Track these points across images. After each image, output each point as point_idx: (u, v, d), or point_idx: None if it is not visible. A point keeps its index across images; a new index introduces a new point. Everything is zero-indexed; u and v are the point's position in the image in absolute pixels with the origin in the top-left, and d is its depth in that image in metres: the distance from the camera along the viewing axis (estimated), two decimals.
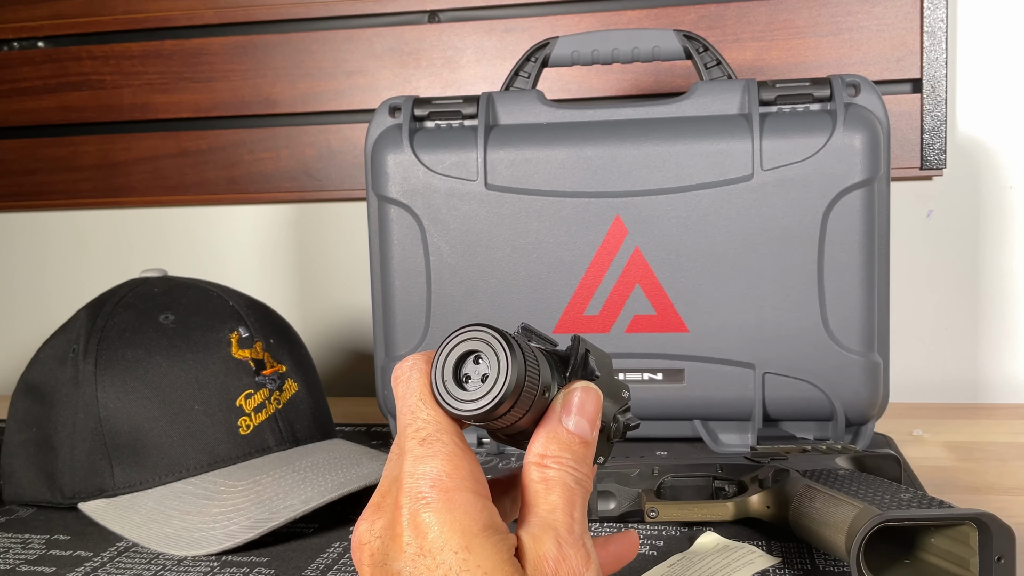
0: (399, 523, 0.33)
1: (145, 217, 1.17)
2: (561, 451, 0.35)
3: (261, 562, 0.58)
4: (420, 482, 0.33)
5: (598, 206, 0.74)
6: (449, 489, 0.33)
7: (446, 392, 0.35)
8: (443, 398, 0.35)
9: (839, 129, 0.71)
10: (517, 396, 0.34)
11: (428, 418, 0.35)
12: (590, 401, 0.37)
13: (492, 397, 0.34)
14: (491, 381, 0.34)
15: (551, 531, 0.34)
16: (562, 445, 0.36)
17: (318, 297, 1.14)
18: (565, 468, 0.35)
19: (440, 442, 0.34)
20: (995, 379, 1.00)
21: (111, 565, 0.58)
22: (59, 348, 0.71)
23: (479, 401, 0.34)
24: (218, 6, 1.08)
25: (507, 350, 0.34)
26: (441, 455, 0.34)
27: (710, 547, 0.56)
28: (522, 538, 0.34)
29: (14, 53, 1.15)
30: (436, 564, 0.32)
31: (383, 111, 0.78)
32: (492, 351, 0.34)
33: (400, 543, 0.33)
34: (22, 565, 0.59)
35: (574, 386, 0.37)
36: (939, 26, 0.95)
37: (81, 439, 0.66)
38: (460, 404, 0.34)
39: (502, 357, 0.34)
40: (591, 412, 0.37)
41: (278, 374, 0.71)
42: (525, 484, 0.36)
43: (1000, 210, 0.98)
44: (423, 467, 0.34)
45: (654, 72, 1.01)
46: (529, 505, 0.35)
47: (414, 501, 0.33)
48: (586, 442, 0.36)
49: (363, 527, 0.35)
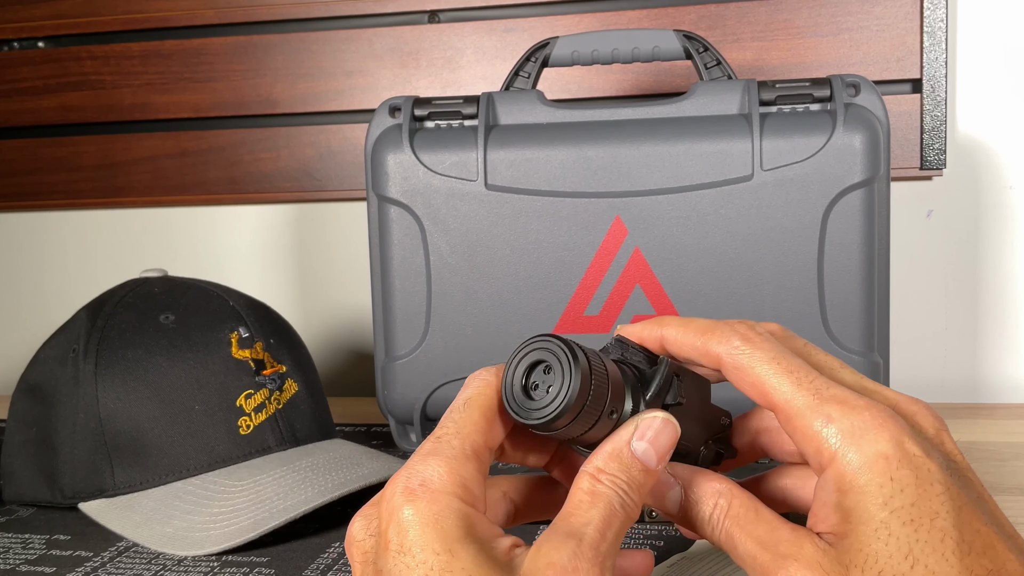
0: (383, 518, 0.33)
1: (145, 217, 1.17)
2: (619, 471, 0.34)
3: (261, 562, 0.58)
4: (411, 479, 0.33)
5: (598, 206, 0.74)
6: (436, 491, 0.32)
7: (512, 399, 0.35)
8: (508, 404, 0.35)
9: (839, 129, 0.71)
10: (578, 411, 0.33)
11: (452, 420, 0.34)
12: (665, 434, 0.35)
13: (551, 409, 0.33)
14: (552, 393, 0.34)
15: (573, 541, 0.32)
16: (623, 466, 0.34)
17: (318, 297, 1.14)
18: (617, 489, 0.34)
19: (449, 445, 0.34)
20: (995, 379, 1.00)
21: (111, 565, 0.58)
22: (59, 348, 0.71)
23: (540, 412, 0.34)
24: (218, 6, 1.08)
25: (571, 363, 0.33)
26: (443, 457, 0.33)
27: (710, 547, 0.56)
28: (539, 543, 0.32)
29: (14, 53, 1.15)
30: (416, 563, 0.31)
31: (383, 111, 0.78)
32: (558, 362, 0.34)
33: (386, 539, 0.32)
34: (22, 565, 0.59)
35: (655, 414, 0.35)
36: (939, 26, 0.95)
37: (81, 439, 0.66)
38: (523, 412, 0.34)
39: (565, 370, 0.33)
40: (663, 445, 0.35)
41: (278, 374, 0.71)
42: (572, 492, 0.34)
43: (1000, 210, 0.98)
44: (420, 465, 0.33)
45: (654, 72, 1.01)
46: (565, 514, 0.33)
47: (400, 496, 0.32)
48: (648, 471, 0.35)
49: (357, 524, 0.35)
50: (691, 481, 0.36)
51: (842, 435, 0.33)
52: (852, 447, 0.32)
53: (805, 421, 0.34)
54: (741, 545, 0.34)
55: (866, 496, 0.32)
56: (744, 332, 0.37)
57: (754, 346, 0.36)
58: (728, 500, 0.36)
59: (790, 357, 0.36)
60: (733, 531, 0.35)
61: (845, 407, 0.33)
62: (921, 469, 0.32)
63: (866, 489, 0.32)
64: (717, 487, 0.36)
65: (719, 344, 0.37)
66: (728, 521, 0.35)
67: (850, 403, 0.33)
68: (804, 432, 0.34)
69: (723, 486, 0.36)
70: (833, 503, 0.33)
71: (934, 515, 0.31)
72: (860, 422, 0.33)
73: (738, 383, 0.37)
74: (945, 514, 0.31)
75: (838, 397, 0.34)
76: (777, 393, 0.35)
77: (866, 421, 0.33)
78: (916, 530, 0.31)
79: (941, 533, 0.31)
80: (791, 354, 0.36)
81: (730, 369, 0.37)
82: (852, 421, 0.33)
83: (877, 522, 0.31)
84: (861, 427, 0.33)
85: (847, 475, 0.32)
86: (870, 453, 0.32)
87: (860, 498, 0.32)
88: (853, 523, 0.32)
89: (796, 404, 0.34)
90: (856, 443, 0.32)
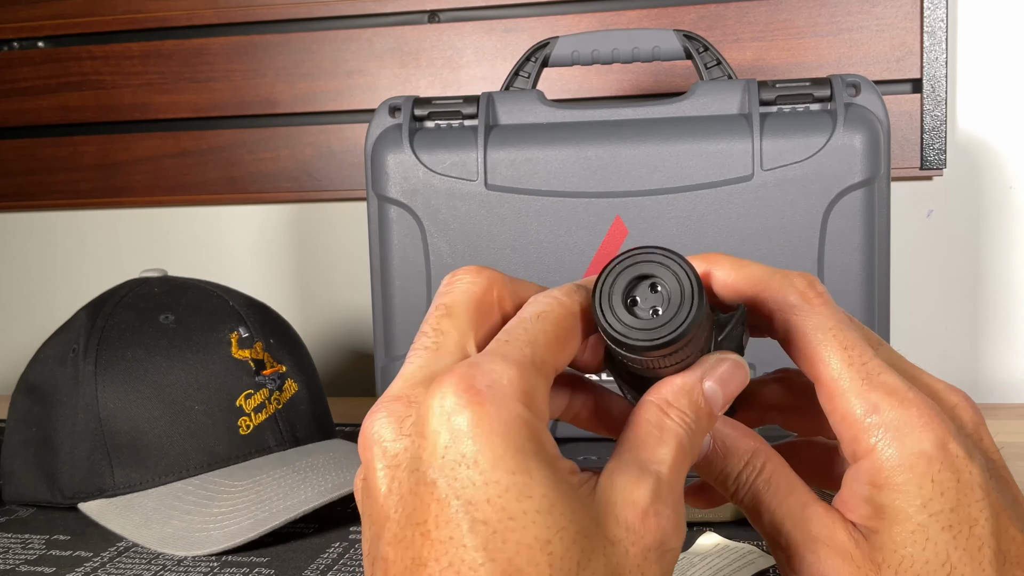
0: (435, 417, 0.27)
1: (145, 217, 1.17)
2: (688, 409, 0.31)
3: (261, 562, 0.58)
4: (477, 377, 0.27)
5: (598, 206, 0.74)
6: (507, 396, 0.27)
7: (610, 312, 0.30)
8: (605, 317, 0.30)
9: (839, 129, 0.71)
10: (689, 339, 0.30)
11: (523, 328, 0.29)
12: (737, 379, 0.32)
13: (665, 332, 0.29)
14: (670, 314, 0.29)
15: (652, 479, 0.28)
16: (692, 404, 0.31)
17: (318, 297, 1.14)
18: (685, 427, 0.30)
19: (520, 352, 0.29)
20: (995, 379, 1.00)
21: (111, 565, 0.58)
22: (59, 348, 0.71)
23: (650, 333, 0.29)
24: (218, 6, 1.08)
25: (696, 285, 0.29)
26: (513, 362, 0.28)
27: (710, 547, 0.56)
28: (611, 474, 0.28)
29: (14, 53, 1.15)
30: (486, 481, 0.26)
31: (383, 111, 0.78)
32: (678, 283, 0.30)
33: (435, 444, 0.27)
34: (22, 565, 0.59)
35: (729, 356, 0.32)
36: (939, 26, 0.95)
37: (81, 439, 0.66)
38: (626, 329, 0.30)
39: (686, 291, 0.29)
40: (731, 391, 0.32)
41: (278, 374, 0.71)
42: (636, 420, 0.30)
43: (1000, 210, 0.98)
44: (488, 364, 0.28)
45: (654, 72, 1.01)
46: (631, 444, 0.29)
47: (461, 395, 0.27)
48: (711, 415, 0.31)
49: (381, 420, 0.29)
50: (722, 432, 0.33)
51: (885, 428, 0.31)
52: (894, 443, 0.31)
53: (849, 405, 0.32)
54: (768, 514, 0.32)
55: (903, 495, 0.30)
56: (803, 289, 0.33)
57: (812, 308, 0.33)
58: (762, 461, 0.33)
59: (847, 329, 0.33)
60: (762, 497, 0.33)
61: (894, 399, 0.31)
62: (963, 472, 0.31)
63: (904, 488, 0.30)
64: (751, 444, 0.33)
65: (774, 299, 0.33)
66: (759, 484, 0.33)
67: (899, 395, 0.31)
68: (844, 415, 0.32)
69: (758, 445, 0.33)
70: (864, 496, 0.31)
71: (973, 522, 0.30)
72: (906, 418, 0.31)
73: (787, 344, 0.34)
74: (984, 521, 0.30)
75: (888, 386, 0.31)
76: (826, 368, 0.32)
77: (912, 418, 0.31)
78: (955, 536, 0.30)
79: (979, 541, 0.30)
80: (849, 325, 0.33)
81: (780, 328, 0.33)
82: (898, 415, 0.31)
83: (914, 524, 0.30)
84: (907, 423, 0.31)
85: (884, 471, 0.31)
86: (912, 451, 0.31)
87: (896, 496, 0.31)
88: (887, 521, 0.31)
89: (842, 385, 0.32)
90: (899, 439, 0.31)
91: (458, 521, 0.26)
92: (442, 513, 0.26)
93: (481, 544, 0.25)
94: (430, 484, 0.26)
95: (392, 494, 0.28)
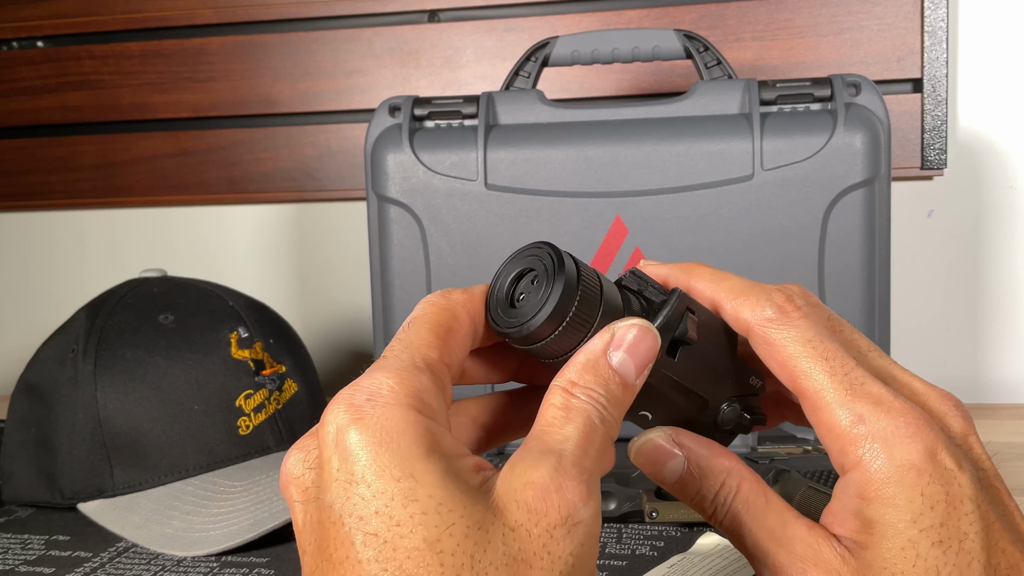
0: (326, 446, 0.27)
1: (145, 217, 1.17)
2: (596, 384, 0.30)
3: (261, 562, 0.58)
4: (356, 395, 0.28)
5: (598, 206, 0.74)
6: (387, 404, 0.27)
7: (494, 310, 0.31)
8: (491, 315, 0.31)
9: (840, 129, 0.71)
10: (560, 321, 0.30)
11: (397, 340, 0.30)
12: (645, 344, 0.31)
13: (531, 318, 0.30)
14: (536, 303, 0.30)
15: (552, 458, 0.28)
16: (599, 378, 0.30)
17: (318, 297, 1.14)
18: (594, 403, 0.30)
19: (397, 359, 0.29)
20: (996, 379, 1.00)
21: (111, 565, 0.58)
22: (59, 348, 0.71)
23: (519, 320, 0.30)
24: (218, 6, 1.08)
25: (555, 267, 0.30)
26: (392, 370, 0.28)
27: (710, 547, 0.56)
28: (512, 463, 0.28)
29: (14, 53, 1.14)
30: (373, 493, 0.26)
31: (383, 111, 0.78)
32: (544, 268, 0.30)
33: (329, 470, 0.27)
34: (22, 565, 0.59)
35: (631, 321, 0.31)
36: (940, 26, 0.95)
37: (81, 439, 0.66)
38: (502, 322, 0.31)
39: (549, 274, 0.30)
40: (642, 355, 0.31)
41: (278, 374, 0.71)
42: (543, 409, 0.30)
43: (1001, 210, 0.98)
44: (365, 380, 0.28)
45: (654, 72, 1.01)
46: (538, 432, 0.29)
47: (343, 415, 0.27)
48: (626, 385, 0.31)
49: (293, 458, 0.30)
50: (696, 453, 0.33)
51: (872, 438, 0.30)
52: (882, 454, 0.30)
53: (834, 417, 0.31)
54: (750, 535, 0.32)
55: (893, 509, 0.30)
56: (780, 302, 0.33)
57: (789, 321, 0.33)
58: (737, 481, 0.33)
59: (827, 340, 0.32)
60: (742, 518, 0.32)
61: (880, 408, 0.31)
62: (952, 485, 0.30)
63: (893, 502, 0.30)
64: (726, 464, 0.33)
65: (751, 311, 0.33)
66: (736, 505, 0.32)
67: (885, 404, 0.31)
68: (831, 428, 0.31)
69: (732, 465, 0.33)
70: (853, 509, 0.31)
71: (963, 536, 0.30)
72: (893, 427, 0.30)
73: (766, 358, 0.33)
74: (974, 535, 0.30)
75: (873, 395, 0.31)
76: (808, 380, 0.32)
77: (900, 427, 0.30)
78: (945, 552, 0.29)
79: (969, 556, 0.30)
80: (828, 336, 0.33)
81: (759, 342, 0.33)
82: (885, 424, 0.30)
83: (904, 540, 0.30)
84: (894, 433, 0.30)
85: (873, 483, 0.30)
86: (901, 463, 0.30)
87: (886, 510, 0.30)
88: (876, 536, 0.30)
89: (826, 397, 0.31)
90: (887, 450, 0.30)
91: (352, 538, 0.26)
92: (338, 534, 0.27)
93: (374, 556, 0.26)
94: (327, 509, 0.27)
95: (306, 528, 0.29)
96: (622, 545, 0.58)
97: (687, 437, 0.34)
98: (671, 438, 0.33)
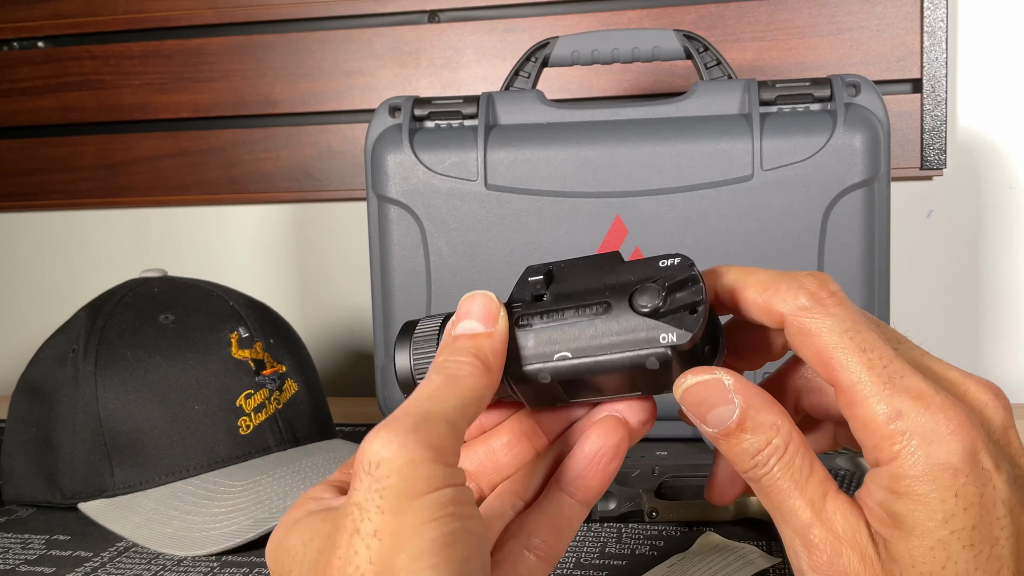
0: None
1: (145, 217, 1.17)
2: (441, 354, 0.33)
3: (261, 562, 0.58)
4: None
5: (598, 206, 0.74)
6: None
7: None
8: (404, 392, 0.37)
9: (839, 129, 0.71)
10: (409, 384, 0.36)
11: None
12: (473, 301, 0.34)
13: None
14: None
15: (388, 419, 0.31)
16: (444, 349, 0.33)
17: (318, 297, 1.14)
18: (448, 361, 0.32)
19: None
20: (996, 379, 1.00)
21: (111, 565, 0.58)
22: (59, 348, 0.71)
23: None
24: (218, 6, 1.08)
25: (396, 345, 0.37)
26: None
27: (710, 547, 0.56)
28: None
29: (14, 53, 1.15)
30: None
31: (383, 111, 0.78)
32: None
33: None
34: (22, 565, 0.59)
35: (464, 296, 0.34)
36: (939, 26, 0.95)
37: (81, 439, 0.66)
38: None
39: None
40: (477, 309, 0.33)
41: (278, 374, 0.71)
42: None
43: (1000, 210, 0.98)
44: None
45: (654, 72, 1.01)
46: None
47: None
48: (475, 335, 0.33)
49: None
50: (750, 403, 0.32)
51: (910, 434, 0.29)
52: (919, 450, 0.29)
53: (871, 411, 0.30)
54: (788, 501, 0.31)
55: (924, 507, 0.29)
56: (814, 289, 0.32)
57: (824, 309, 0.32)
58: (785, 441, 0.31)
59: (865, 329, 0.31)
60: (782, 481, 0.31)
61: (919, 404, 0.30)
62: (987, 487, 0.29)
63: (925, 500, 0.29)
64: (777, 421, 0.31)
65: (784, 301, 0.32)
66: (779, 467, 0.31)
67: (926, 399, 0.30)
68: (866, 421, 0.30)
69: (783, 422, 0.31)
70: (881, 501, 0.30)
71: (994, 542, 0.29)
72: (933, 424, 0.29)
73: (800, 349, 0.32)
74: (1004, 541, 0.29)
75: (913, 389, 0.30)
76: (845, 372, 0.31)
77: (940, 424, 0.29)
78: (975, 556, 0.29)
79: (999, 563, 0.29)
80: (867, 325, 0.32)
81: (794, 332, 0.32)
82: (924, 421, 0.29)
83: (934, 540, 0.29)
84: (934, 430, 0.29)
85: (906, 479, 0.29)
86: (937, 462, 0.29)
87: (916, 507, 0.29)
88: (905, 531, 0.29)
89: (863, 390, 0.30)
90: (924, 447, 0.29)
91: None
92: None
93: None
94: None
95: None
96: (622, 545, 0.58)
97: (744, 384, 0.32)
98: (731, 382, 0.32)
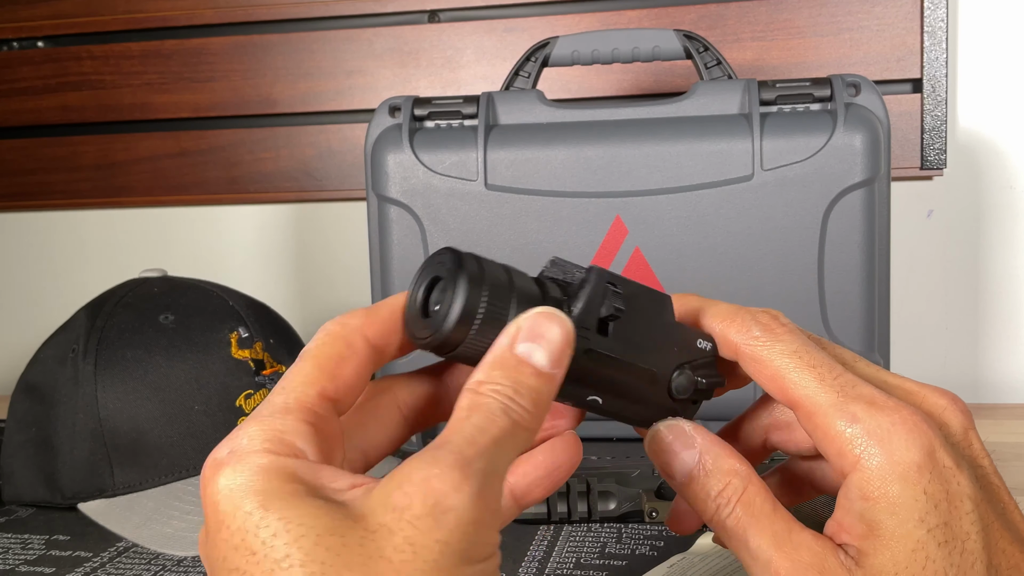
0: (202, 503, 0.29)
1: (145, 217, 1.17)
2: (502, 378, 0.29)
3: None
4: (219, 451, 0.29)
5: (598, 206, 0.74)
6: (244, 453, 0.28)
7: (411, 322, 0.31)
8: (408, 329, 0.32)
9: (839, 129, 0.71)
10: (470, 324, 0.29)
11: (279, 383, 0.31)
12: (553, 329, 0.30)
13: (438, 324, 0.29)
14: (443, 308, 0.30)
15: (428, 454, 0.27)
16: (506, 372, 0.29)
17: (318, 297, 1.14)
18: (499, 396, 0.29)
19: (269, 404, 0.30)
20: (996, 379, 1.00)
21: (111, 565, 0.58)
22: (59, 348, 0.71)
23: (429, 329, 0.30)
24: (218, 6, 1.08)
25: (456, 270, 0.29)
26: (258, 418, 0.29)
27: (710, 547, 0.56)
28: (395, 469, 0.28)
29: (14, 53, 1.14)
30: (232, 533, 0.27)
31: (383, 111, 0.78)
32: (448, 274, 0.30)
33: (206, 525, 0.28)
34: (22, 565, 0.59)
35: (536, 310, 0.30)
36: (939, 26, 0.95)
37: (81, 439, 0.66)
38: (416, 334, 0.31)
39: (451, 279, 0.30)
40: (554, 342, 0.30)
41: (278, 374, 0.71)
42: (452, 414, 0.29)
43: (1000, 210, 0.98)
44: (232, 435, 0.29)
45: (654, 72, 1.01)
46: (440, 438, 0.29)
47: (208, 471, 0.29)
48: (540, 374, 0.29)
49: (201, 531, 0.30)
50: (709, 450, 0.33)
51: (868, 436, 0.30)
52: (879, 450, 0.30)
53: (828, 420, 0.31)
54: (754, 539, 0.31)
55: (901, 509, 0.29)
56: (766, 322, 0.34)
57: (775, 337, 0.33)
58: (744, 483, 0.32)
59: (814, 351, 0.33)
60: (746, 520, 0.32)
61: (872, 407, 0.31)
62: (951, 483, 0.30)
63: (899, 502, 0.29)
64: (735, 465, 0.33)
65: (737, 333, 0.34)
66: (741, 508, 0.32)
67: (878, 403, 0.31)
68: (826, 431, 0.31)
69: (742, 467, 0.33)
70: (857, 512, 0.30)
71: (965, 536, 0.29)
72: (888, 424, 0.30)
73: (756, 376, 0.34)
74: (975, 535, 0.30)
75: (865, 396, 0.31)
76: (798, 388, 0.32)
77: (895, 423, 0.30)
78: (950, 553, 0.29)
79: (972, 557, 0.29)
80: (815, 348, 0.33)
81: (748, 360, 0.34)
82: (879, 422, 0.30)
83: (914, 541, 0.29)
84: (889, 429, 0.30)
85: (874, 481, 0.30)
86: (901, 461, 0.30)
87: (893, 510, 0.29)
88: (883, 539, 0.30)
89: (818, 401, 0.31)
90: (884, 446, 0.30)
91: None
92: None
93: None
94: (206, 562, 0.28)
95: None
96: (622, 545, 0.58)
97: (701, 433, 0.34)
98: (689, 431, 0.34)
